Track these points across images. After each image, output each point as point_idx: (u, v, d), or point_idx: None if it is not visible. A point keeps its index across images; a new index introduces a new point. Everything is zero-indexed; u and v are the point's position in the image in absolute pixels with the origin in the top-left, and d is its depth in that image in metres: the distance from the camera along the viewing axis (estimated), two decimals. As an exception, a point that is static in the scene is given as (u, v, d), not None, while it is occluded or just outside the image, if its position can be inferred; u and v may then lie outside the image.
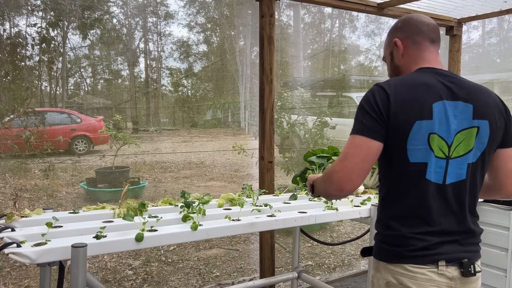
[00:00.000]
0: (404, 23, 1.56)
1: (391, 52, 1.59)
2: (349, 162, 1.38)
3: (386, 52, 1.62)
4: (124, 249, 1.71)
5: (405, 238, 1.43)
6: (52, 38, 9.34)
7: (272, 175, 3.07)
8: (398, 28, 1.57)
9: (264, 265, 3.15)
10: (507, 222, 2.86)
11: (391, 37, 1.58)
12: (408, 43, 1.53)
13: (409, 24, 1.54)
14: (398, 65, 1.57)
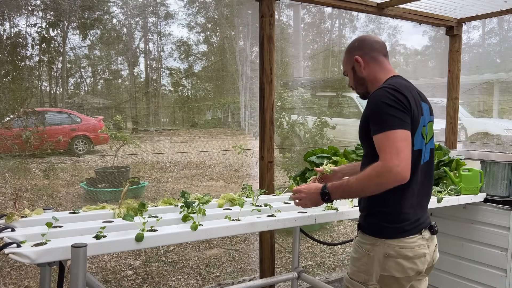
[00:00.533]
0: (360, 43, 1.92)
1: (353, 67, 1.92)
2: (405, 154, 1.60)
3: (347, 67, 1.95)
4: (124, 249, 1.71)
5: (405, 215, 1.77)
6: (52, 38, 9.33)
7: (272, 175, 3.07)
8: (356, 47, 1.92)
9: (264, 265, 3.15)
10: (507, 222, 2.86)
11: (351, 55, 1.91)
12: (367, 58, 1.89)
13: (364, 44, 1.91)
14: (362, 76, 1.90)
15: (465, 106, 13.29)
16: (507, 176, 3.00)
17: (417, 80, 20.99)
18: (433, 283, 3.35)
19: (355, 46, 1.92)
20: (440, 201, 2.69)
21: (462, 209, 3.10)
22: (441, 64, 18.81)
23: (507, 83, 15.89)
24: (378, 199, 1.75)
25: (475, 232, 3.05)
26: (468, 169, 2.95)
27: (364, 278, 1.81)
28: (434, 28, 4.33)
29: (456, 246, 3.18)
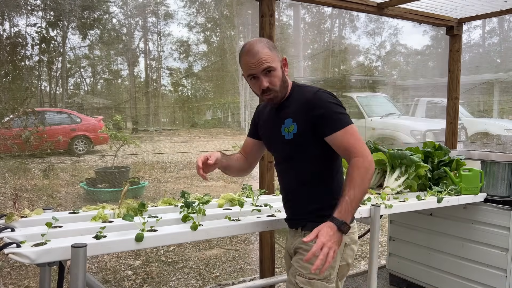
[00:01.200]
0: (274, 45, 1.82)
1: (281, 66, 1.79)
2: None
3: (277, 64, 1.76)
4: (124, 249, 1.71)
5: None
6: (51, 38, 9.33)
7: (272, 175, 3.07)
8: (276, 47, 1.81)
9: (264, 265, 3.14)
10: (507, 222, 2.86)
11: (277, 53, 1.78)
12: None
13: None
14: (285, 79, 1.81)
15: (465, 106, 13.30)
16: (507, 176, 3.00)
17: (417, 80, 21.00)
18: (433, 283, 3.35)
19: (275, 46, 1.81)
20: (440, 201, 2.69)
21: (462, 209, 3.09)
22: (441, 64, 18.80)
23: (507, 83, 15.90)
24: (331, 193, 1.81)
25: (475, 232, 3.05)
26: (468, 169, 2.95)
27: (327, 274, 1.77)
28: (434, 28, 4.33)
29: (456, 246, 3.17)
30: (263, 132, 2.00)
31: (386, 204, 2.50)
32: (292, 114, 1.78)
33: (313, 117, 1.71)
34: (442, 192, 2.79)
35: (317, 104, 1.71)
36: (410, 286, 3.55)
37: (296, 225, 1.92)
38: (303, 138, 1.76)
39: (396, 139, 10.02)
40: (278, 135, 1.83)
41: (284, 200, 2.00)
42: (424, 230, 3.38)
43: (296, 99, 1.80)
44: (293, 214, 1.94)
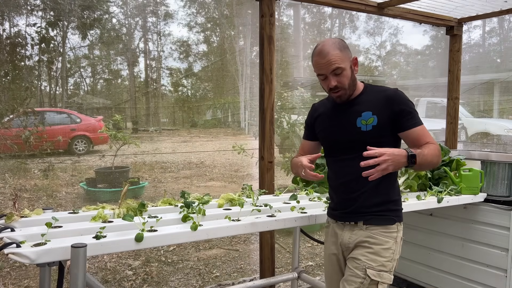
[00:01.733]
0: (346, 44, 1.91)
1: (351, 66, 1.89)
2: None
3: (347, 64, 1.86)
4: (124, 249, 1.71)
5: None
6: (51, 38, 9.33)
7: (272, 175, 3.07)
8: (347, 47, 1.90)
9: (264, 265, 3.14)
10: (507, 222, 2.85)
11: (348, 53, 1.88)
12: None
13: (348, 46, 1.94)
14: (354, 77, 1.92)
15: (465, 106, 13.30)
16: (507, 176, 3.00)
17: (417, 80, 21.00)
18: (433, 283, 3.35)
19: (346, 45, 1.90)
20: (440, 201, 2.69)
21: (462, 209, 3.09)
22: (442, 64, 18.79)
23: (507, 83, 15.90)
24: (394, 187, 1.97)
25: (475, 232, 3.04)
26: (469, 169, 2.94)
27: (391, 266, 1.90)
28: (434, 28, 4.33)
29: (456, 246, 3.17)
30: (323, 128, 2.06)
31: (386, 204, 2.49)
32: (371, 108, 1.89)
33: (395, 111, 1.86)
34: (442, 192, 2.79)
35: (399, 101, 1.88)
36: (410, 286, 3.55)
37: (355, 218, 1.94)
38: (382, 130, 1.87)
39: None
40: (350, 127, 1.91)
41: (341, 193, 1.99)
42: (424, 230, 3.38)
43: (373, 95, 1.93)
44: (354, 207, 1.93)
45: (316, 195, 2.65)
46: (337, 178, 2.00)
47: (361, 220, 1.92)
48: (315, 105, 2.19)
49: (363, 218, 1.92)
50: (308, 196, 2.63)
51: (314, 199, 2.56)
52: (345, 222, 1.99)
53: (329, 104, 2.07)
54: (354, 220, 1.94)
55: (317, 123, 2.10)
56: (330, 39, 1.91)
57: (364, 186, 1.89)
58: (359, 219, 1.93)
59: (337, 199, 2.03)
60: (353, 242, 1.94)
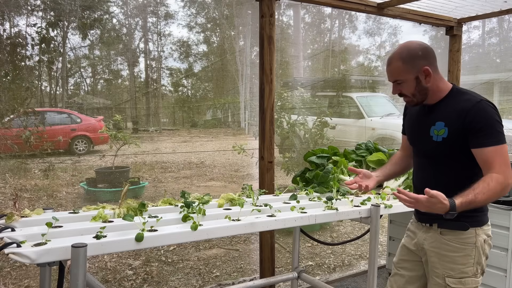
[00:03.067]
0: (424, 52, 1.87)
1: (417, 76, 1.86)
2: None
3: (408, 76, 1.87)
4: (124, 249, 1.71)
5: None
6: (52, 38, 9.34)
7: (272, 175, 3.07)
8: (421, 57, 1.86)
9: (264, 265, 3.15)
10: (507, 222, 2.86)
11: (416, 64, 1.85)
12: (432, 69, 1.88)
13: (429, 53, 1.89)
14: (426, 87, 1.88)
15: (465, 106, 13.28)
16: (507, 176, 3.00)
17: (417, 80, 20.95)
18: (433, 283, 3.35)
19: (419, 55, 1.86)
20: (440, 201, 2.69)
21: (462, 209, 3.09)
22: (441, 64, 18.76)
23: (507, 83, 15.89)
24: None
25: (475, 232, 3.04)
26: (468, 169, 2.94)
27: (474, 270, 1.91)
28: (434, 28, 4.33)
29: (456, 246, 3.17)
30: (407, 127, 2.16)
31: (386, 204, 2.50)
32: (445, 119, 1.87)
33: (468, 127, 1.80)
34: (442, 192, 2.79)
35: (476, 115, 1.79)
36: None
37: (430, 221, 1.99)
38: (451, 144, 1.84)
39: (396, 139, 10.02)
40: (425, 134, 1.94)
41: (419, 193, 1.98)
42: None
43: (451, 105, 1.88)
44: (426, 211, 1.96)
45: (316, 195, 2.65)
46: (417, 178, 2.08)
47: (436, 223, 1.97)
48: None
49: (437, 221, 1.96)
50: (308, 196, 2.63)
51: (314, 199, 2.56)
52: (422, 224, 2.05)
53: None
54: (429, 223, 2.00)
55: (405, 119, 2.20)
56: (399, 49, 1.91)
57: (440, 188, 1.81)
58: (433, 221, 1.98)
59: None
60: (428, 245, 2.00)
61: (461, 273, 1.90)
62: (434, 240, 1.98)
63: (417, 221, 2.10)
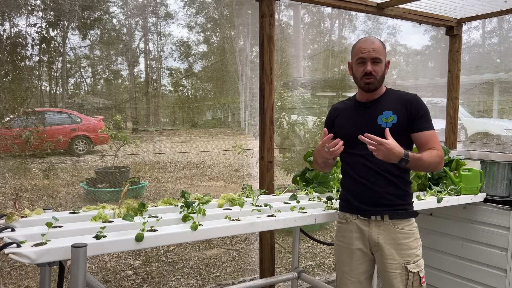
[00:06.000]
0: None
1: (385, 64, 2.07)
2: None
3: (383, 59, 2.05)
4: (124, 249, 1.71)
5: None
6: (52, 38, 9.35)
7: (272, 175, 3.07)
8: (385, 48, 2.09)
9: (264, 265, 3.15)
10: (507, 222, 2.86)
11: (385, 54, 2.06)
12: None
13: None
14: (384, 76, 2.08)
15: (465, 106, 13.29)
16: (507, 176, 3.00)
17: (417, 80, 20.99)
18: (433, 283, 3.35)
19: (385, 47, 2.09)
20: (440, 201, 2.69)
21: (462, 209, 3.09)
22: (441, 64, 18.79)
23: (507, 83, 15.88)
24: (408, 182, 2.11)
25: (475, 232, 3.05)
26: (468, 169, 2.95)
27: (420, 251, 2.10)
28: (434, 28, 4.33)
29: (456, 246, 3.18)
30: (344, 124, 2.18)
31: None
32: (392, 108, 2.06)
33: (412, 113, 2.03)
34: (442, 192, 2.80)
35: (418, 105, 2.06)
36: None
37: (380, 213, 2.03)
38: (400, 129, 2.03)
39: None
40: (371, 123, 2.06)
41: (361, 187, 2.07)
42: (424, 230, 3.37)
43: (393, 97, 2.11)
44: (376, 201, 2.04)
45: (316, 195, 2.65)
46: (356, 173, 2.08)
47: (386, 214, 2.02)
48: (334, 105, 2.33)
49: (388, 213, 2.02)
50: (308, 196, 2.64)
51: (314, 199, 2.56)
52: (369, 218, 2.05)
53: (350, 103, 2.23)
54: (379, 214, 2.03)
55: (337, 120, 2.22)
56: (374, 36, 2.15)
57: (384, 180, 2.02)
58: (384, 213, 2.02)
59: (356, 193, 2.09)
60: (383, 239, 2.02)
61: (416, 256, 2.05)
62: (388, 232, 2.02)
63: (362, 217, 2.07)
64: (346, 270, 2.13)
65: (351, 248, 2.11)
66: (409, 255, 2.02)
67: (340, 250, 2.17)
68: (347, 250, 2.13)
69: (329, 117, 2.29)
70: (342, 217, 2.18)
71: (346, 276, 2.13)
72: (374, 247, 2.06)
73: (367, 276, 2.13)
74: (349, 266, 2.12)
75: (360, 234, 2.08)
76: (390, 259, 2.01)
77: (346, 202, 2.15)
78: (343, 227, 2.16)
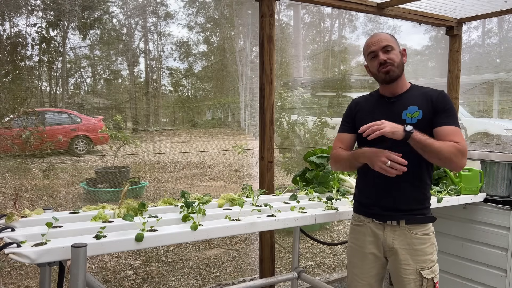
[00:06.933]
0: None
1: (400, 51, 2.00)
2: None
3: (396, 46, 1.99)
4: (124, 249, 1.71)
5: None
6: (52, 38, 9.34)
7: (272, 175, 3.07)
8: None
9: (264, 265, 3.15)
10: (507, 222, 2.86)
11: (398, 43, 2.02)
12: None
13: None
14: (403, 64, 2.02)
15: (465, 106, 13.28)
16: (507, 176, 3.00)
17: (417, 80, 20.97)
18: (433, 283, 3.35)
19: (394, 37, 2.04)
20: (440, 201, 2.69)
21: (462, 209, 3.09)
22: (441, 64, 18.79)
23: (507, 83, 15.88)
24: (429, 184, 2.04)
25: (475, 232, 3.05)
26: (468, 169, 2.95)
27: (436, 256, 2.04)
28: (434, 28, 4.33)
29: (456, 246, 3.18)
30: (366, 119, 1.97)
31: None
32: (417, 103, 1.98)
33: (438, 109, 1.95)
34: (442, 192, 2.80)
35: (443, 99, 1.98)
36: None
37: (396, 218, 1.97)
38: (426, 125, 1.94)
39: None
40: (396, 119, 1.92)
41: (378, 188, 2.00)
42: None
43: (418, 93, 2.03)
44: (393, 203, 1.97)
45: (316, 195, 2.65)
46: (374, 173, 1.93)
47: (403, 219, 1.96)
48: (355, 100, 2.21)
49: (405, 218, 1.96)
50: (308, 196, 2.64)
51: (314, 199, 2.56)
52: (385, 222, 2.00)
53: (373, 98, 2.14)
54: (395, 219, 1.97)
55: (358, 115, 2.11)
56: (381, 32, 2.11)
57: (403, 181, 1.93)
58: (400, 218, 1.96)
59: (372, 195, 2.03)
60: (398, 244, 1.97)
61: (431, 262, 1.98)
62: (404, 237, 1.97)
63: (376, 220, 2.02)
64: (357, 273, 2.10)
65: (363, 252, 2.07)
66: (424, 261, 1.96)
67: (352, 252, 2.13)
68: (359, 253, 2.09)
69: (349, 110, 2.17)
70: (356, 219, 2.13)
71: (357, 279, 2.10)
72: (389, 252, 2.01)
73: (377, 279, 2.08)
74: (360, 269, 2.08)
75: (374, 238, 2.03)
76: (405, 265, 1.96)
77: (361, 204, 2.09)
78: (357, 229, 2.11)
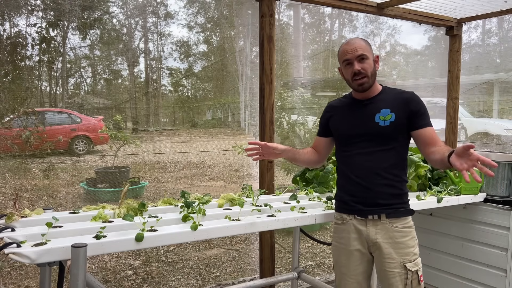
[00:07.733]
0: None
1: (373, 60, 2.04)
2: None
3: (370, 55, 2.02)
4: (124, 249, 1.71)
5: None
6: (52, 38, 9.35)
7: (272, 175, 3.07)
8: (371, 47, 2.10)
9: (264, 265, 3.14)
10: (507, 222, 2.86)
11: (371, 50, 2.05)
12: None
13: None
14: (376, 72, 2.06)
15: (465, 106, 13.29)
16: (507, 176, 3.00)
17: (417, 80, 21.00)
18: (433, 283, 3.35)
19: (370, 45, 2.08)
20: (440, 201, 2.69)
21: (462, 209, 3.10)
22: (441, 64, 18.80)
23: (507, 83, 15.89)
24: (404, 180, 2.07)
25: (475, 232, 3.05)
26: (468, 169, 2.94)
27: (418, 249, 2.07)
28: (434, 28, 4.33)
29: (456, 246, 3.18)
30: (340, 122, 2.15)
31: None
32: (389, 106, 2.03)
33: (411, 111, 2.00)
34: (442, 192, 2.80)
35: (416, 102, 2.03)
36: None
37: (377, 212, 2.01)
38: (398, 127, 2.00)
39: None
40: (369, 122, 2.03)
41: (357, 187, 2.04)
42: (424, 230, 3.38)
43: (391, 95, 2.08)
44: (373, 200, 2.01)
45: (316, 195, 2.65)
46: (353, 172, 2.05)
47: (383, 213, 2.00)
48: (330, 103, 2.28)
49: (385, 212, 2.00)
50: (308, 196, 2.64)
51: (314, 199, 2.56)
52: (366, 218, 2.03)
53: (346, 100, 2.18)
54: (376, 214, 2.01)
55: (332, 118, 2.18)
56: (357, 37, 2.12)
57: (381, 179, 1.99)
58: (381, 212, 2.00)
59: (352, 193, 2.07)
60: (381, 238, 2.01)
61: (414, 255, 2.02)
62: (386, 231, 2.00)
63: (359, 216, 2.05)
64: (345, 271, 2.12)
65: (349, 249, 2.09)
66: (407, 253, 2.00)
67: (338, 251, 2.15)
68: (345, 251, 2.11)
69: (324, 113, 2.26)
70: (339, 217, 2.16)
71: (345, 277, 2.12)
72: (373, 247, 2.04)
73: (365, 276, 2.11)
74: (347, 267, 2.10)
75: (358, 234, 2.06)
76: (389, 258, 1.99)
77: (342, 202, 2.13)
78: (340, 228, 2.14)
